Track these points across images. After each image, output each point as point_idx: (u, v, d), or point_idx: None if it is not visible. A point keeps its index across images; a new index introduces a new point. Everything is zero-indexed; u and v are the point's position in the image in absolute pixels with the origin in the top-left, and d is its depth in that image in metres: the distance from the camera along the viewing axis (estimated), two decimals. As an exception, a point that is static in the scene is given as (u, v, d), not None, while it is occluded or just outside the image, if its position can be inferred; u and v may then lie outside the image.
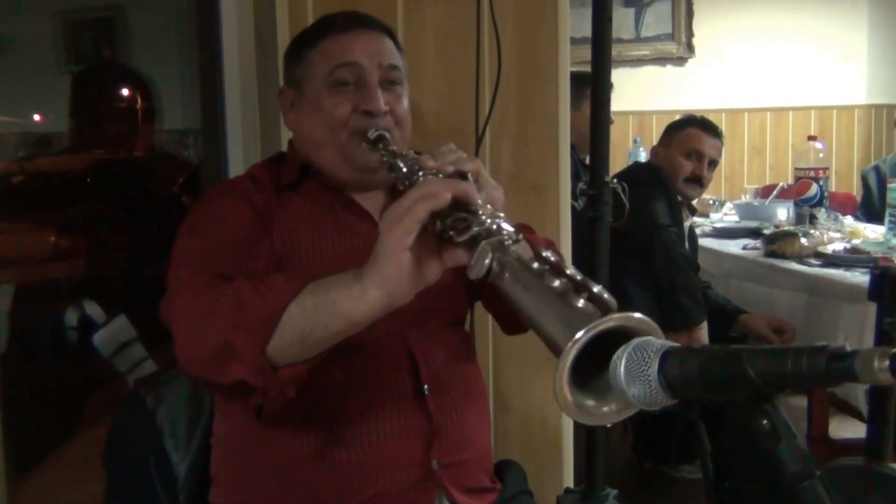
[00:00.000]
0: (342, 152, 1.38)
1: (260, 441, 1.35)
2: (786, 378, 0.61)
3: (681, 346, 0.70)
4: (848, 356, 0.57)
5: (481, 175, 1.16)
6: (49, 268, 2.35)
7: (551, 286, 0.84)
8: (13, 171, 2.44)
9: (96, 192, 2.48)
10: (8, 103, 2.39)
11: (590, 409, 0.78)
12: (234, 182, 1.47)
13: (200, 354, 1.14)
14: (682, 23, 5.74)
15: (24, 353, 2.12)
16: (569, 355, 0.74)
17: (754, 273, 3.15)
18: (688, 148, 2.95)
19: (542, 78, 2.06)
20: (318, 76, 1.40)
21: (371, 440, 1.32)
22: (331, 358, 1.18)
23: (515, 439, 2.17)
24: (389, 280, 1.02)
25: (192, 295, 1.19)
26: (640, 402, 0.73)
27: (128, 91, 2.46)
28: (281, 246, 1.35)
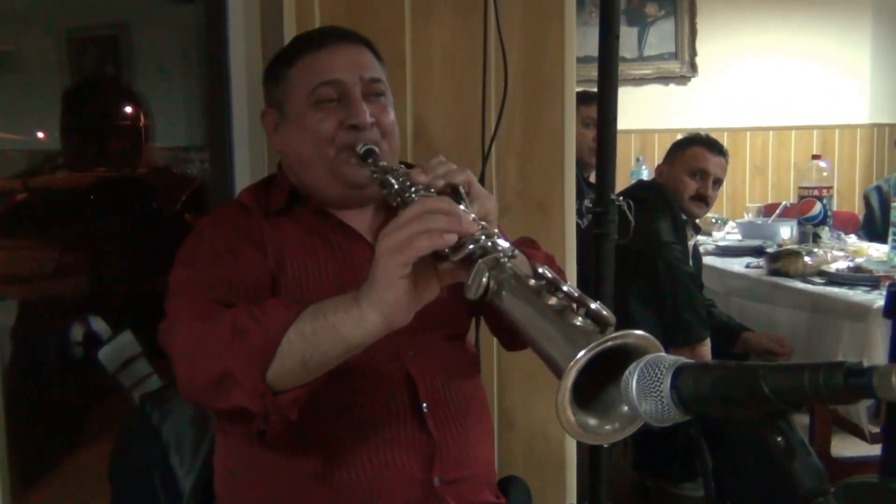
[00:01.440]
0: (331, 169, 1.37)
1: (260, 463, 1.35)
2: (802, 394, 0.61)
3: (694, 362, 0.70)
4: (866, 372, 0.57)
5: (473, 186, 1.16)
6: (54, 284, 2.36)
7: (549, 304, 0.84)
8: (17, 189, 2.46)
9: (100, 208, 2.49)
10: (12, 121, 2.40)
11: (593, 428, 0.78)
12: (223, 210, 1.47)
13: (200, 382, 1.15)
14: (686, 42, 5.75)
15: (29, 367, 2.13)
16: (570, 376, 0.74)
17: (757, 291, 3.16)
18: (692, 167, 2.96)
19: (548, 96, 2.07)
20: (299, 95, 1.39)
21: (371, 460, 1.31)
22: (328, 380, 1.18)
23: (519, 456, 2.16)
24: (387, 304, 1.02)
25: (191, 322, 1.19)
26: (651, 419, 0.73)
27: (122, 107, 2.48)
28: (273, 270, 1.35)
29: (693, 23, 5.73)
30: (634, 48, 5.76)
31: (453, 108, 2.03)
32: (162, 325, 1.24)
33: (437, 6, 2.01)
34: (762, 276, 3.15)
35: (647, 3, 5.72)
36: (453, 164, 1.19)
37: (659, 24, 5.74)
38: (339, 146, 1.36)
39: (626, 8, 5.69)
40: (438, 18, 2.01)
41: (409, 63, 1.98)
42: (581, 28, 5.58)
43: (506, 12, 1.98)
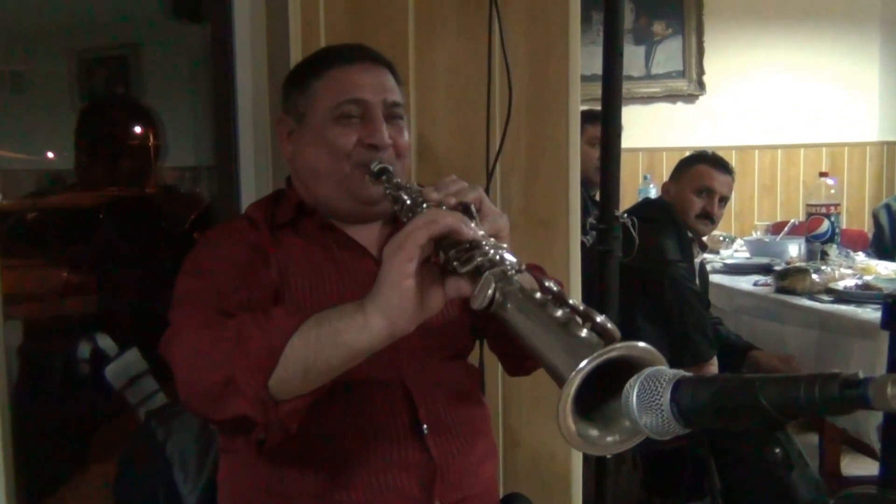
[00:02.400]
0: (344, 183, 1.40)
1: (261, 481, 1.35)
2: (799, 406, 0.62)
3: (693, 375, 0.71)
4: (861, 383, 0.58)
5: (484, 204, 1.17)
6: (62, 303, 2.38)
7: (554, 316, 0.85)
8: (26, 208, 2.49)
9: (109, 228, 2.51)
10: (23, 140, 2.42)
11: (593, 439, 0.78)
12: (231, 223, 1.49)
13: (202, 389, 1.14)
14: (693, 60, 5.77)
15: (37, 386, 2.14)
16: (572, 385, 0.75)
17: (765, 309, 3.16)
18: (698, 185, 2.97)
19: (552, 114, 2.08)
20: (323, 107, 1.41)
21: (370, 480, 1.32)
22: (329, 398, 1.19)
23: (524, 474, 2.16)
24: (392, 308, 1.02)
25: (194, 330, 1.19)
26: (652, 431, 0.73)
27: (135, 126, 2.50)
28: (277, 282, 1.36)
29: (700, 41, 5.76)
30: (642, 66, 5.78)
31: (457, 127, 2.04)
32: (165, 334, 1.24)
33: (442, 26, 2.02)
34: (770, 294, 3.15)
35: (654, 21, 5.75)
36: (465, 183, 1.20)
37: (666, 42, 5.77)
38: (355, 162, 1.39)
39: (634, 27, 5.72)
40: (443, 38, 2.02)
41: (414, 82, 1.99)
42: (588, 46, 5.61)
43: (510, 32, 2.00)
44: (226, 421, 1.15)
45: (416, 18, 2.00)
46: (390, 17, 1.99)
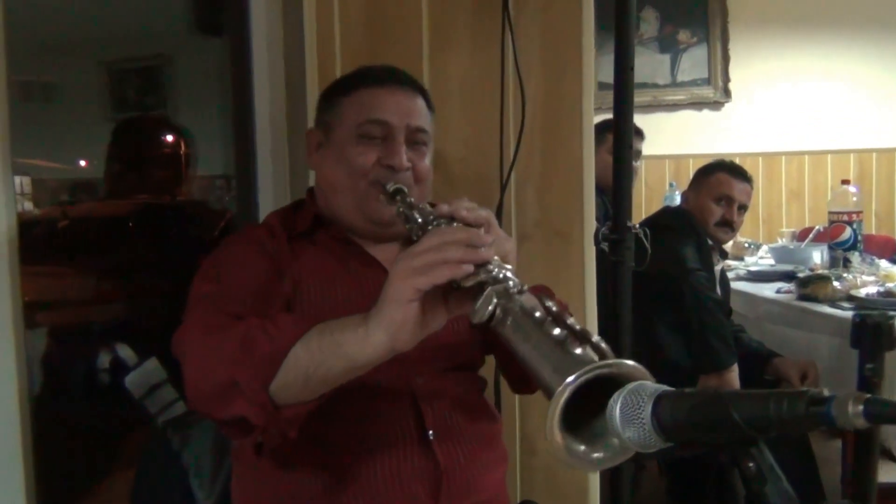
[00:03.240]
0: (358, 201, 1.42)
1: (272, 484, 1.37)
2: (769, 422, 0.62)
3: (673, 390, 0.72)
4: (826, 401, 0.58)
5: (493, 227, 1.19)
6: (87, 311, 2.41)
7: (551, 334, 0.86)
8: (57, 216, 2.52)
9: (136, 236, 2.55)
10: (55, 149, 2.46)
11: (580, 454, 0.79)
12: (250, 229, 1.51)
13: (206, 389, 1.17)
14: (719, 67, 5.73)
15: (58, 394, 2.17)
16: (560, 398, 0.76)
17: (787, 316, 3.13)
18: (717, 193, 2.96)
19: (566, 126, 2.09)
20: (347, 124, 1.43)
21: (377, 485, 1.33)
22: (338, 403, 1.20)
23: (541, 482, 2.17)
24: (395, 325, 1.04)
25: (203, 332, 1.22)
26: (635, 445, 0.74)
27: (164, 135, 2.53)
28: (290, 292, 1.38)
29: (726, 49, 5.72)
30: (667, 74, 5.75)
31: (471, 139, 2.06)
32: (176, 334, 1.27)
33: (455, 39, 2.04)
34: (792, 302, 3.13)
35: (679, 29, 5.72)
36: (476, 205, 1.21)
37: (691, 50, 5.74)
38: (372, 181, 1.40)
39: (659, 35, 5.71)
40: (457, 51, 2.04)
41: (428, 92, 2.01)
42: (606, 55, 5.60)
43: (523, 45, 2.02)
44: (227, 421, 1.17)
45: (430, 32, 2.03)
46: (405, 30, 2.02)
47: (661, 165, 5.63)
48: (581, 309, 2.11)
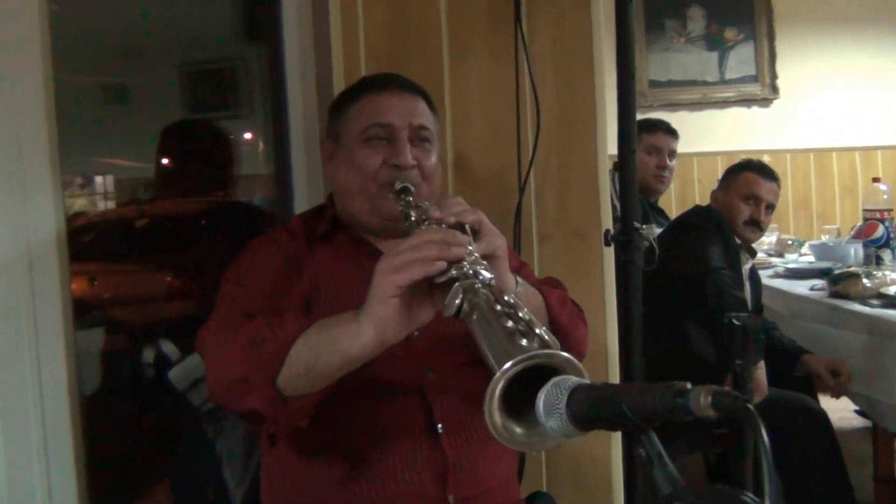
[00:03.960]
0: (371, 201, 1.48)
1: (294, 473, 1.46)
2: (650, 413, 0.69)
3: (585, 384, 0.78)
4: (686, 393, 0.65)
5: (483, 225, 1.24)
6: (139, 307, 2.54)
7: (504, 326, 0.93)
8: (135, 215, 2.67)
9: (210, 234, 2.67)
10: (131, 149, 2.59)
11: (518, 435, 0.86)
12: (272, 234, 1.60)
13: (223, 384, 1.27)
14: (766, 64, 5.73)
15: (118, 388, 2.30)
16: (497, 384, 0.83)
17: (819, 314, 3.12)
18: (745, 192, 2.97)
19: (581, 129, 2.13)
20: (354, 131, 1.51)
21: (388, 475, 1.40)
22: (352, 397, 1.30)
23: (566, 476, 2.20)
24: (380, 320, 1.11)
25: (220, 331, 1.32)
26: (557, 433, 0.80)
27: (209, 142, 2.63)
28: (309, 290, 1.46)
29: (772, 46, 5.71)
30: (715, 72, 5.76)
31: (491, 143, 2.12)
32: (198, 332, 1.38)
33: (473, 49, 2.10)
34: (823, 299, 3.11)
35: (725, 27, 5.72)
36: (467, 205, 1.28)
37: (738, 48, 5.73)
38: (381, 182, 1.47)
39: (706, 33, 5.73)
40: (475, 60, 2.10)
41: (449, 101, 2.07)
42: (661, 53, 5.68)
43: (537, 53, 2.08)
44: (242, 413, 1.28)
45: (449, 43, 2.09)
46: (426, 41, 2.08)
47: (712, 162, 5.62)
48: (601, 304, 2.15)
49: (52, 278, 1.75)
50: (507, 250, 1.27)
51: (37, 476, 1.75)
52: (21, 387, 1.72)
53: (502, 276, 1.25)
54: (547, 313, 1.43)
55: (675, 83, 5.73)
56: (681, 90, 5.74)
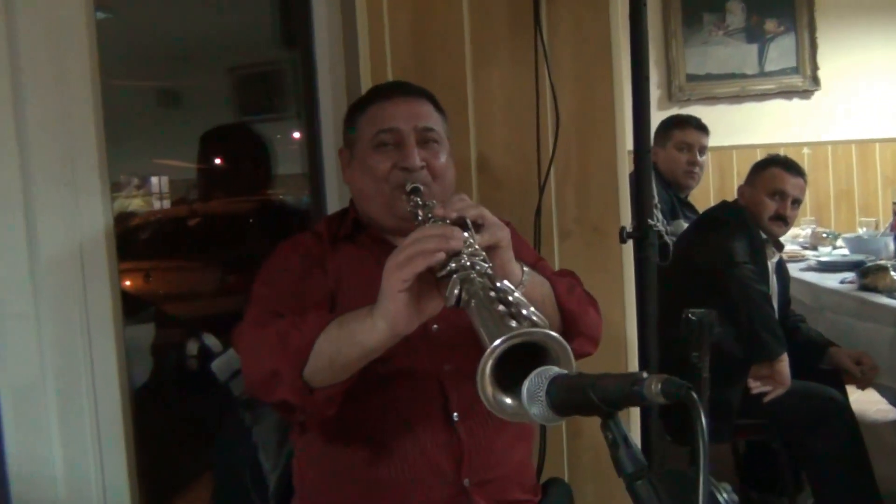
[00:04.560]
0: (386, 203, 1.57)
1: (322, 458, 1.57)
2: (612, 399, 0.78)
3: (563, 374, 0.87)
4: (641, 381, 0.74)
5: (485, 218, 1.31)
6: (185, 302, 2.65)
7: (497, 310, 1.01)
8: (187, 214, 2.77)
9: (250, 232, 2.77)
10: (185, 150, 2.67)
11: (507, 406, 0.94)
12: (298, 236, 1.70)
13: (256, 378, 1.38)
14: (807, 56, 5.71)
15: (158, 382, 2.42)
16: (487, 360, 0.92)
17: (848, 307, 3.16)
18: (771, 188, 3.00)
19: (600, 130, 2.21)
20: (364, 138, 1.61)
21: (408, 459, 1.50)
22: (375, 388, 1.40)
23: (588, 463, 2.29)
24: (390, 314, 1.20)
25: (253, 329, 1.43)
26: (541, 420, 0.88)
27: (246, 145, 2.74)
28: (334, 287, 1.56)
29: (813, 37, 5.69)
30: (755, 64, 5.75)
31: (512, 144, 2.20)
32: (234, 330, 1.49)
33: (495, 54, 2.18)
34: (851, 292, 3.15)
35: (766, 19, 5.71)
36: (470, 201, 1.35)
37: (779, 39, 5.72)
38: (393, 184, 1.56)
39: (746, 25, 5.72)
40: (496, 65, 2.19)
41: (472, 106, 2.17)
42: (700, 47, 5.69)
43: (556, 54, 2.17)
44: (275, 404, 1.38)
45: (472, 47, 2.17)
46: (449, 46, 2.17)
47: (751, 155, 5.54)
48: (620, 298, 2.23)
49: (102, 275, 1.85)
50: (510, 241, 1.34)
51: (91, 463, 1.87)
52: (76, 380, 1.83)
53: (506, 265, 1.33)
54: (555, 300, 1.51)
55: (714, 77, 5.73)
56: (719, 83, 5.73)
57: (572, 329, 1.52)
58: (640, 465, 0.78)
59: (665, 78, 5.72)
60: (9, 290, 1.74)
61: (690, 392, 0.70)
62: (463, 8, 2.16)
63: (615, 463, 0.80)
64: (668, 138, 3.67)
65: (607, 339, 2.10)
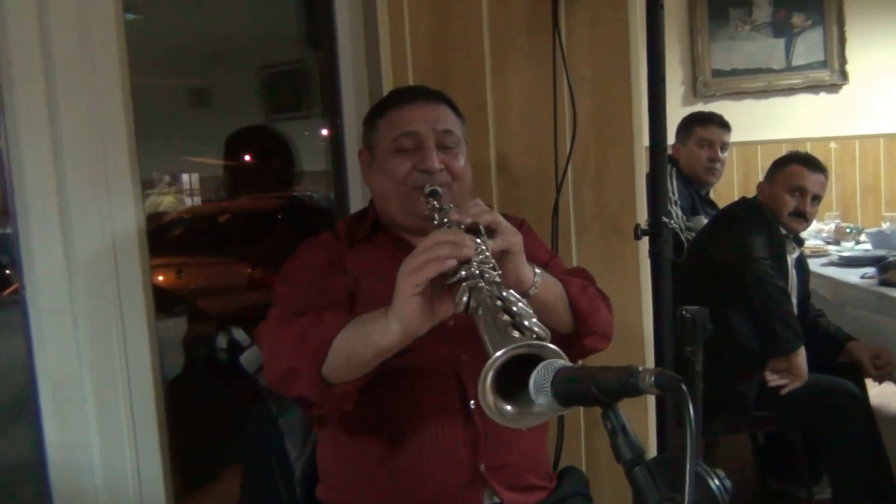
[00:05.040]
0: (405, 204, 1.63)
1: (344, 447, 1.64)
2: (611, 390, 0.83)
3: (567, 367, 0.92)
4: (636, 374, 0.79)
5: (499, 224, 1.38)
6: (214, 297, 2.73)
7: (500, 320, 1.08)
8: (217, 211, 2.85)
9: (278, 229, 2.84)
10: (214, 148, 2.72)
11: (507, 413, 1.00)
12: (319, 237, 1.77)
13: (276, 374, 1.45)
14: (835, 50, 5.72)
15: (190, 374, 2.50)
16: (489, 370, 0.98)
17: (867, 301, 3.19)
18: (791, 184, 3.02)
19: (617, 130, 2.26)
20: (385, 141, 1.66)
21: (425, 448, 1.56)
22: (395, 380, 1.47)
23: (604, 453, 2.34)
24: (404, 316, 1.27)
25: (273, 328, 1.50)
26: (546, 410, 0.94)
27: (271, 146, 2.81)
28: (353, 285, 1.63)
29: (842, 31, 5.70)
30: (781, 59, 5.78)
31: (530, 144, 2.26)
32: (257, 329, 1.56)
33: (514, 59, 2.24)
34: (871, 287, 3.18)
35: (792, 13, 5.72)
36: (485, 206, 1.42)
37: (806, 34, 5.74)
38: (412, 186, 1.62)
39: (772, 20, 5.74)
40: (515, 66, 2.24)
41: (491, 107, 2.22)
42: (726, 42, 5.71)
43: (574, 56, 2.22)
44: (293, 399, 1.46)
45: (491, 51, 2.23)
46: (469, 49, 2.23)
47: (777, 150, 5.52)
48: (636, 293, 2.29)
49: (135, 271, 1.94)
50: (522, 246, 1.41)
51: (126, 452, 1.96)
52: (111, 372, 1.92)
53: (518, 269, 1.40)
54: (568, 300, 1.57)
55: (739, 72, 5.75)
56: (745, 79, 5.76)
57: (584, 328, 1.59)
58: (637, 452, 0.84)
59: (690, 74, 5.75)
60: (46, 287, 1.83)
61: (680, 383, 0.76)
62: (483, 12, 2.21)
63: (614, 450, 0.85)
64: (689, 135, 3.70)
65: (624, 334, 2.17)
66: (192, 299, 2.64)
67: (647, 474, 0.84)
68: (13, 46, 1.80)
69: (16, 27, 1.80)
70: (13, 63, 1.80)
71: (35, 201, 1.82)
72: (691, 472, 0.73)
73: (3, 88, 1.80)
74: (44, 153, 1.83)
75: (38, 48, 1.81)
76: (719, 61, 5.76)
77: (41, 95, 1.82)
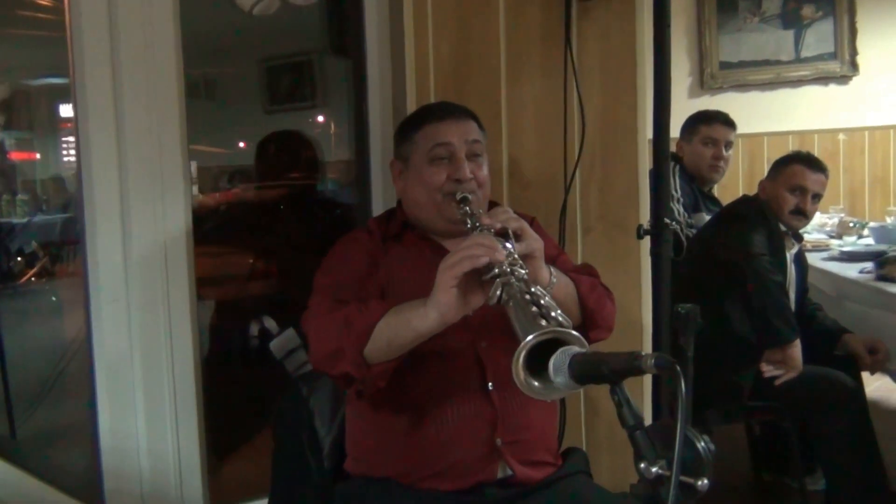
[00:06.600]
0: (438, 210, 1.90)
1: (372, 423, 1.90)
2: (619, 371, 1.12)
3: (583, 352, 1.21)
4: (640, 357, 1.08)
5: (525, 231, 1.64)
6: (244, 287, 2.99)
7: (530, 311, 1.35)
8: (220, 201, 3.08)
9: (289, 218, 3.09)
10: (218, 137, 2.96)
11: (535, 388, 1.27)
12: (355, 233, 2.03)
13: (322, 354, 1.72)
14: (846, 41, 5.88)
15: (222, 358, 2.76)
16: (521, 351, 1.25)
17: (864, 296, 3.39)
18: (792, 183, 3.22)
19: (623, 135, 2.54)
20: (421, 152, 1.92)
21: (447, 423, 1.82)
22: (420, 362, 1.73)
23: (604, 438, 2.64)
24: (442, 305, 1.54)
25: (320, 315, 1.76)
26: (564, 387, 1.21)
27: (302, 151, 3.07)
28: (384, 280, 1.89)
29: (853, 22, 5.85)
30: (791, 50, 5.95)
31: (540, 149, 2.52)
32: (303, 315, 1.82)
33: (526, 69, 2.49)
34: (869, 282, 3.36)
35: (803, 4, 5.90)
36: (512, 213, 1.68)
37: (816, 25, 5.90)
38: (445, 193, 1.87)
39: (782, 11, 5.92)
40: (528, 79, 2.50)
41: (504, 114, 2.48)
42: (734, 34, 5.91)
43: (585, 67, 2.49)
44: (336, 376, 1.72)
45: (507, 62, 2.48)
46: (486, 63, 2.48)
47: (783, 141, 5.83)
48: (637, 288, 2.56)
49: (182, 262, 2.19)
50: (542, 251, 1.67)
51: (169, 429, 2.23)
52: (158, 357, 2.18)
53: (538, 271, 1.66)
54: (578, 298, 1.84)
55: (747, 63, 5.95)
56: (753, 70, 5.95)
57: (591, 322, 1.86)
58: (638, 420, 1.13)
59: (697, 66, 5.93)
60: (107, 279, 2.10)
61: (675, 364, 1.05)
62: (500, 29, 2.46)
63: (620, 418, 1.14)
64: (694, 133, 3.87)
65: (626, 325, 2.43)
66: (227, 288, 2.87)
67: (646, 437, 1.12)
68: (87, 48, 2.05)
69: (89, 30, 2.06)
70: (86, 63, 2.05)
71: (101, 203, 2.08)
72: (681, 435, 1.00)
73: (77, 95, 2.07)
74: (110, 156, 2.08)
75: (107, 48, 2.06)
76: (727, 53, 5.95)
77: (109, 100, 2.08)
